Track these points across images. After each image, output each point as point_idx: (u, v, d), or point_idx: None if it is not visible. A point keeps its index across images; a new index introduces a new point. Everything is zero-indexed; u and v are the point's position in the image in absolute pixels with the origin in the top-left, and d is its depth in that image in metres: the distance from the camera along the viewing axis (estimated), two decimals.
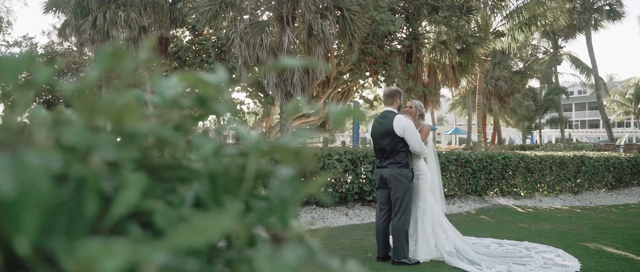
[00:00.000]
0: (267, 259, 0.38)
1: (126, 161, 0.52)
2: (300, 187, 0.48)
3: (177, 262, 0.42)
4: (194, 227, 0.39)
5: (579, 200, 11.78)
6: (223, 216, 0.38)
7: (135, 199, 0.45)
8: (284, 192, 0.47)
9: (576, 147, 23.15)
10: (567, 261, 5.55)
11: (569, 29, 31.17)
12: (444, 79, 17.12)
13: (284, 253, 0.40)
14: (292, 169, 0.49)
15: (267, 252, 0.39)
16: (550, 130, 50.90)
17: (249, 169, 0.49)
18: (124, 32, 14.63)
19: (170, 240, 0.38)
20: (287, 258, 0.39)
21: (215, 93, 0.63)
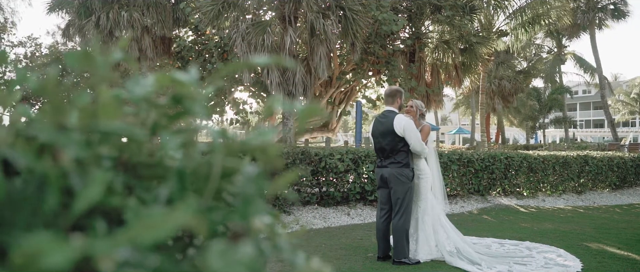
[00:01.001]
0: (220, 254, 0.38)
1: (94, 158, 0.52)
2: (265, 184, 0.48)
3: (136, 257, 0.42)
4: (148, 223, 0.39)
5: (583, 200, 11.74)
6: (177, 211, 0.38)
7: (99, 195, 0.46)
8: (247, 189, 0.47)
9: (580, 147, 23.07)
10: (569, 261, 5.54)
11: (573, 28, 31.06)
12: (447, 78, 17.09)
13: (239, 249, 0.40)
14: (256, 167, 0.49)
15: (222, 247, 0.39)
16: (554, 130, 50.77)
17: (215, 166, 0.49)
18: (126, 32, 14.66)
19: (125, 235, 0.38)
20: (240, 254, 0.39)
21: (191, 92, 0.63)
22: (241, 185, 0.48)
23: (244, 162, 0.50)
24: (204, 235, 0.43)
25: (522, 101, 33.81)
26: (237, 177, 0.49)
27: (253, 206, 0.46)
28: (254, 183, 0.48)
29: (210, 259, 0.38)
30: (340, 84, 16.91)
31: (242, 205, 0.47)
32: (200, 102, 0.64)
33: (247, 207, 0.46)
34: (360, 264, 5.34)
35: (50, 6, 17.72)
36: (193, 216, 0.41)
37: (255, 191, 0.47)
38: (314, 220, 8.02)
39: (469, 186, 10.59)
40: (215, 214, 0.50)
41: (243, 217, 0.45)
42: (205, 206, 0.45)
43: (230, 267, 0.37)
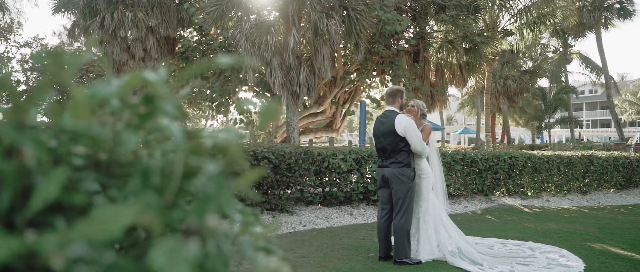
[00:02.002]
0: (164, 251, 0.38)
1: (57, 156, 0.52)
2: (225, 183, 0.48)
3: (90, 254, 0.42)
4: (98, 220, 0.39)
5: (587, 200, 11.69)
6: (127, 208, 0.38)
7: (55, 193, 0.46)
8: (206, 188, 0.47)
9: (586, 147, 22.97)
10: (571, 261, 5.51)
11: (579, 27, 30.92)
12: (452, 78, 17.04)
13: (186, 247, 0.40)
14: (218, 166, 0.49)
15: (169, 245, 0.39)
16: (561, 130, 50.55)
17: (177, 165, 0.49)
18: (131, 33, 14.71)
19: (74, 232, 0.38)
20: (185, 252, 0.39)
21: (162, 91, 0.63)
22: (200, 184, 0.48)
23: (206, 162, 0.50)
24: (158, 233, 0.43)
25: (527, 101, 33.69)
26: (198, 176, 0.49)
27: (209, 205, 0.46)
28: (214, 182, 0.48)
29: (154, 256, 0.38)
30: (344, 84, 16.89)
31: (198, 203, 0.47)
32: (171, 102, 0.64)
33: (203, 206, 0.46)
34: (362, 264, 5.34)
35: (55, 7, 17.80)
36: (145, 213, 0.41)
37: (213, 189, 0.47)
38: (316, 220, 8.02)
39: (472, 186, 10.56)
40: (176, 213, 0.50)
41: (198, 216, 0.45)
42: (160, 203, 0.45)
43: (174, 264, 0.37)
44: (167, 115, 0.64)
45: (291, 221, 7.76)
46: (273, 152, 7.76)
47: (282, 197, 8.09)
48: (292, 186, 8.26)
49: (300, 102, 14.16)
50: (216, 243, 0.46)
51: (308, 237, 6.87)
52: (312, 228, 7.57)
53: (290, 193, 8.25)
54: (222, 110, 17.63)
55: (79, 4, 15.31)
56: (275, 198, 8.00)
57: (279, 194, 8.10)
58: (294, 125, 13.87)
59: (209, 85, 16.91)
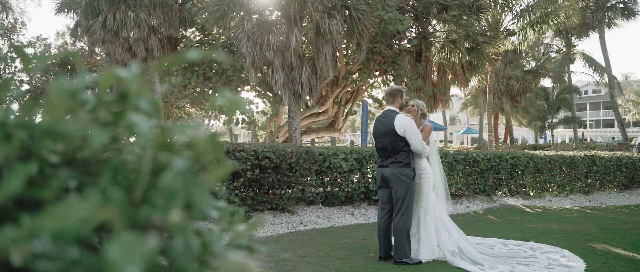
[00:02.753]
0: (120, 245, 0.38)
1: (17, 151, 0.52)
2: (192, 178, 0.48)
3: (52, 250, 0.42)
4: (52, 215, 0.38)
5: (590, 200, 11.65)
6: (83, 204, 0.38)
7: (18, 187, 0.45)
8: (174, 184, 0.47)
9: (589, 147, 22.90)
10: (572, 261, 5.49)
11: (582, 27, 30.80)
12: (454, 78, 17.02)
13: (144, 242, 0.39)
14: (185, 162, 0.48)
15: (127, 239, 0.39)
16: (564, 130, 50.42)
17: (145, 161, 0.48)
18: (133, 32, 14.73)
19: (29, 227, 0.38)
20: (142, 247, 0.38)
21: (136, 89, 0.62)
22: (168, 180, 0.47)
23: (175, 158, 0.49)
24: (121, 228, 0.43)
25: (530, 101, 33.61)
26: (166, 172, 0.48)
27: (174, 201, 0.45)
28: (180, 178, 0.47)
29: (109, 250, 0.37)
30: (346, 83, 16.89)
31: (164, 199, 0.46)
32: (146, 99, 0.63)
33: (168, 202, 0.45)
34: (362, 263, 5.33)
35: (58, 7, 17.86)
36: (105, 209, 0.41)
37: (180, 185, 0.47)
38: (317, 220, 8.01)
39: (474, 186, 10.54)
40: (145, 209, 0.49)
41: (162, 212, 0.45)
42: (125, 199, 0.44)
43: (128, 259, 0.37)
44: (140, 112, 0.63)
45: (292, 221, 7.75)
46: (274, 151, 7.76)
47: (283, 197, 8.09)
48: (293, 186, 8.26)
49: (302, 102, 14.15)
50: (183, 239, 0.46)
51: (309, 237, 6.87)
52: (313, 228, 7.56)
53: (291, 193, 8.24)
54: (223, 110, 17.61)
55: (82, 4, 15.33)
56: (277, 198, 8.00)
57: (280, 193, 8.10)
58: (296, 125, 13.86)
59: (211, 85, 16.93)
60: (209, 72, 16.52)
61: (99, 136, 0.50)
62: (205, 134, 0.51)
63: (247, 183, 7.59)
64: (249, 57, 12.69)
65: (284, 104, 14.57)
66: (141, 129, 0.50)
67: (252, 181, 7.63)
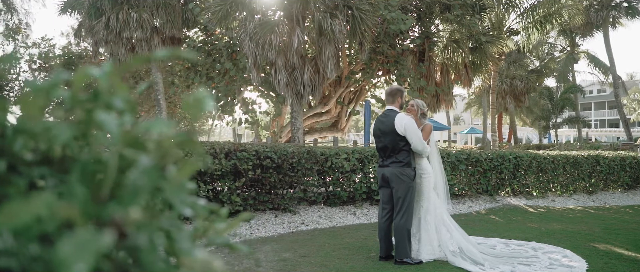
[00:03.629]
0: (73, 242, 0.38)
1: None
2: (156, 176, 0.47)
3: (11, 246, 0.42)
4: (10, 212, 0.38)
5: (593, 200, 11.61)
6: (37, 200, 0.37)
7: None
8: (138, 181, 0.46)
9: (593, 147, 22.80)
10: (574, 261, 5.47)
11: (586, 26, 30.66)
12: (457, 78, 16.97)
13: (97, 239, 0.39)
14: (150, 159, 0.48)
15: (83, 235, 0.38)
16: (569, 130, 50.22)
17: (112, 159, 0.48)
18: (136, 33, 14.76)
19: None
20: (94, 243, 0.38)
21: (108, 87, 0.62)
22: (132, 177, 0.47)
23: (140, 155, 0.49)
24: (81, 224, 0.42)
25: (534, 101, 33.50)
26: (132, 170, 0.48)
27: (136, 197, 0.45)
28: (145, 175, 0.47)
29: (61, 246, 0.37)
30: (349, 83, 16.87)
31: (126, 196, 0.46)
32: (120, 96, 0.63)
33: (130, 198, 0.45)
34: (362, 263, 5.32)
35: (62, 7, 17.93)
36: (64, 205, 0.40)
37: (145, 182, 0.46)
38: (319, 219, 8.01)
39: (477, 185, 10.52)
40: (111, 206, 0.49)
41: (123, 208, 0.44)
42: (86, 195, 0.44)
43: (78, 255, 0.36)
44: (113, 110, 0.63)
45: (294, 221, 7.75)
46: (275, 151, 7.76)
47: (285, 197, 8.09)
48: (295, 186, 8.26)
49: (305, 102, 14.15)
50: (148, 236, 0.45)
51: (310, 236, 6.86)
52: (315, 228, 7.56)
53: (293, 193, 8.24)
54: (227, 110, 17.64)
55: (85, 5, 15.38)
56: (278, 198, 8.00)
57: (282, 193, 8.10)
58: (299, 125, 13.85)
59: (213, 86, 16.94)
60: (212, 72, 16.53)
61: (64, 132, 0.49)
62: (172, 131, 0.51)
63: (248, 183, 7.59)
64: (251, 57, 12.70)
65: (286, 104, 14.56)
66: (108, 126, 0.50)
67: (253, 181, 7.63)
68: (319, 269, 5.06)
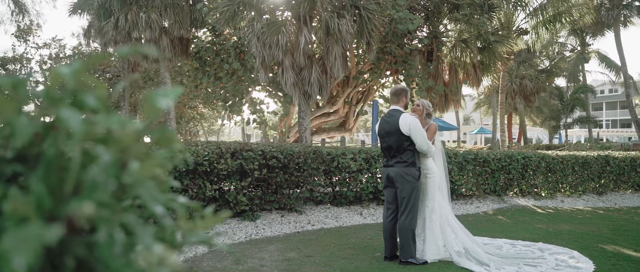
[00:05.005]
0: (16, 236, 0.38)
1: None
2: (114, 172, 0.47)
3: None
4: None
5: (603, 201, 11.50)
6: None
7: None
8: (97, 177, 0.46)
9: (603, 147, 22.61)
10: (581, 262, 5.42)
11: (597, 26, 30.37)
12: (466, 77, 16.89)
13: (42, 233, 0.39)
14: (110, 155, 0.48)
15: (31, 230, 0.38)
16: (579, 130, 49.84)
17: (74, 155, 0.48)
18: (145, 33, 14.83)
19: None
20: (37, 238, 0.38)
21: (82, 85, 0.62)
22: (91, 173, 0.47)
23: (101, 151, 0.49)
24: (33, 219, 0.42)
25: (544, 101, 33.26)
26: (92, 166, 0.48)
27: (95, 193, 0.45)
28: (104, 171, 0.47)
29: (5, 238, 0.37)
30: (357, 83, 16.85)
31: (85, 191, 0.46)
32: (94, 95, 0.63)
33: (87, 194, 0.45)
34: (367, 263, 5.31)
35: (72, 8, 18.07)
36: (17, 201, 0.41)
37: (103, 178, 0.46)
38: (325, 219, 8.01)
39: (484, 186, 10.46)
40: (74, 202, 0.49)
41: (78, 203, 0.45)
42: (43, 191, 0.44)
43: (19, 249, 0.37)
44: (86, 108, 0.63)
45: (300, 220, 7.75)
46: (282, 151, 7.77)
47: (291, 197, 8.10)
48: (301, 186, 8.26)
49: (312, 102, 14.15)
50: (107, 231, 0.45)
51: (315, 236, 6.86)
52: (321, 228, 7.56)
53: (299, 192, 8.24)
54: (235, 110, 17.70)
55: (94, 5, 15.49)
56: (285, 197, 8.00)
57: (288, 193, 8.10)
58: (306, 125, 13.86)
59: (221, 86, 17.00)
60: (220, 72, 16.59)
61: (25, 128, 0.50)
62: (132, 128, 0.50)
63: (254, 183, 7.60)
64: (259, 57, 12.72)
65: (294, 104, 14.57)
66: (70, 123, 0.50)
67: (259, 181, 7.64)
68: (323, 268, 5.06)
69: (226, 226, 7.07)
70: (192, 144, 7.38)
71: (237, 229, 7.01)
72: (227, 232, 6.79)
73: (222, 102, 18.24)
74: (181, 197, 0.77)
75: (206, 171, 6.99)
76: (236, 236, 6.68)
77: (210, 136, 45.19)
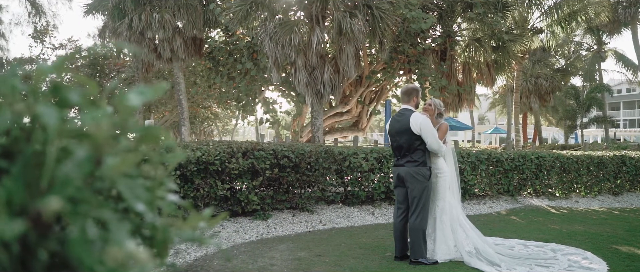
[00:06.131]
0: None
1: None
2: (88, 167, 0.48)
3: None
4: None
5: (619, 201, 11.35)
6: None
7: None
8: (71, 172, 0.47)
9: (620, 147, 22.30)
10: (594, 264, 5.35)
11: (614, 24, 29.95)
12: (480, 77, 16.74)
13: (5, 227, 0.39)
14: (84, 151, 0.48)
15: None
16: (596, 130, 49.21)
17: (49, 152, 0.49)
18: (158, 33, 14.94)
19: None
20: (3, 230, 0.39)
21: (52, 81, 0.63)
22: (64, 168, 0.47)
23: (76, 147, 0.49)
24: (2, 214, 0.43)
25: (560, 100, 32.89)
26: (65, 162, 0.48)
27: (66, 188, 0.46)
28: (77, 166, 0.47)
29: None
30: (370, 83, 16.80)
31: (57, 187, 0.46)
32: (76, 92, 0.63)
33: (61, 189, 0.46)
34: (377, 263, 5.29)
35: (87, 9, 18.26)
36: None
37: (76, 173, 0.47)
38: (337, 219, 8.00)
39: (498, 186, 10.38)
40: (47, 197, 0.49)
41: (47, 199, 0.45)
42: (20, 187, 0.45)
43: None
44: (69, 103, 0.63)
45: (311, 220, 7.76)
46: (293, 151, 7.77)
47: (303, 196, 8.10)
48: (313, 185, 8.26)
49: (325, 101, 14.14)
50: (79, 227, 0.46)
51: (327, 236, 6.86)
52: (332, 227, 7.55)
53: (310, 192, 8.24)
54: (248, 109, 17.75)
55: (108, 6, 15.64)
56: (296, 197, 8.01)
57: (299, 193, 8.11)
58: (319, 124, 13.85)
59: (235, 85, 17.06)
60: (233, 72, 16.65)
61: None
62: (106, 124, 0.51)
63: (266, 182, 7.62)
64: (271, 57, 12.74)
65: (306, 103, 14.57)
66: (46, 120, 0.50)
67: (271, 180, 7.66)
68: (333, 268, 5.06)
69: (237, 225, 7.10)
70: (204, 143, 7.42)
71: (249, 228, 7.03)
72: (238, 232, 6.82)
73: (235, 102, 18.31)
74: (172, 196, 0.78)
75: (218, 170, 7.02)
76: (247, 235, 6.70)
77: (225, 136, 45.38)
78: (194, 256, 5.53)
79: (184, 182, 6.74)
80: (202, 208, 6.94)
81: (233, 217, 7.44)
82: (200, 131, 36.55)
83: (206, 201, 6.99)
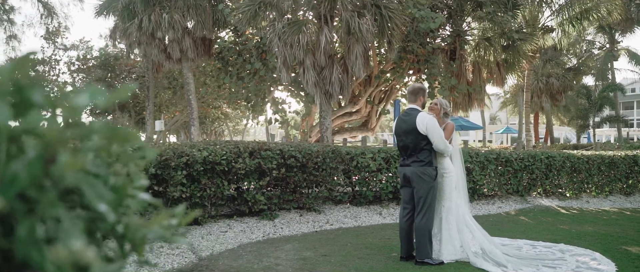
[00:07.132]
0: None
1: None
2: (36, 167, 0.48)
3: None
4: None
5: (631, 202, 11.22)
6: None
7: None
8: (20, 171, 0.47)
9: (632, 147, 22.05)
10: (603, 265, 5.29)
11: (627, 22, 29.60)
12: (490, 76, 16.64)
13: None
14: (35, 150, 0.48)
15: None
16: (609, 130, 48.74)
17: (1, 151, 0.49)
18: (168, 34, 15.01)
19: None
20: None
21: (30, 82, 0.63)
22: (13, 166, 0.47)
23: (29, 147, 0.49)
24: None
25: (572, 99, 32.59)
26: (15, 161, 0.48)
27: (13, 188, 0.45)
28: (26, 166, 0.47)
29: None
30: (379, 83, 16.76)
31: (3, 186, 0.46)
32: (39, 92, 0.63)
33: (7, 189, 0.45)
34: (382, 263, 5.28)
35: (97, 10, 18.42)
36: None
37: (24, 173, 0.47)
38: (344, 219, 7.99)
39: (507, 186, 10.31)
40: None
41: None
42: None
43: None
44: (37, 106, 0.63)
45: (319, 220, 7.75)
46: (300, 151, 7.77)
47: (310, 196, 8.10)
48: (320, 185, 8.25)
49: (334, 101, 14.13)
50: (27, 226, 0.46)
51: (333, 236, 6.85)
52: (339, 227, 7.54)
53: (318, 192, 8.24)
54: (257, 109, 17.79)
55: (119, 7, 15.75)
56: (303, 197, 8.01)
57: (307, 193, 8.11)
58: (328, 124, 13.84)
59: (244, 85, 17.10)
60: (243, 72, 16.70)
61: None
62: (55, 125, 0.51)
63: (273, 182, 7.62)
64: (280, 57, 12.75)
65: (315, 103, 14.57)
66: None
67: (278, 180, 7.66)
68: (338, 268, 5.05)
69: (244, 224, 7.12)
70: (211, 143, 7.44)
71: (255, 228, 7.04)
72: (245, 231, 6.83)
73: (245, 102, 18.36)
74: (143, 195, 0.78)
75: (224, 170, 7.04)
76: (253, 235, 6.71)
77: (236, 136, 45.51)
78: (199, 255, 5.55)
79: (191, 182, 6.76)
80: (209, 208, 6.97)
81: (240, 217, 7.45)
82: (211, 131, 36.66)
83: (213, 200, 7.01)
